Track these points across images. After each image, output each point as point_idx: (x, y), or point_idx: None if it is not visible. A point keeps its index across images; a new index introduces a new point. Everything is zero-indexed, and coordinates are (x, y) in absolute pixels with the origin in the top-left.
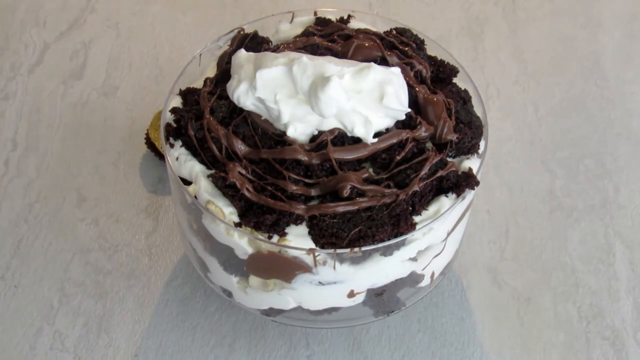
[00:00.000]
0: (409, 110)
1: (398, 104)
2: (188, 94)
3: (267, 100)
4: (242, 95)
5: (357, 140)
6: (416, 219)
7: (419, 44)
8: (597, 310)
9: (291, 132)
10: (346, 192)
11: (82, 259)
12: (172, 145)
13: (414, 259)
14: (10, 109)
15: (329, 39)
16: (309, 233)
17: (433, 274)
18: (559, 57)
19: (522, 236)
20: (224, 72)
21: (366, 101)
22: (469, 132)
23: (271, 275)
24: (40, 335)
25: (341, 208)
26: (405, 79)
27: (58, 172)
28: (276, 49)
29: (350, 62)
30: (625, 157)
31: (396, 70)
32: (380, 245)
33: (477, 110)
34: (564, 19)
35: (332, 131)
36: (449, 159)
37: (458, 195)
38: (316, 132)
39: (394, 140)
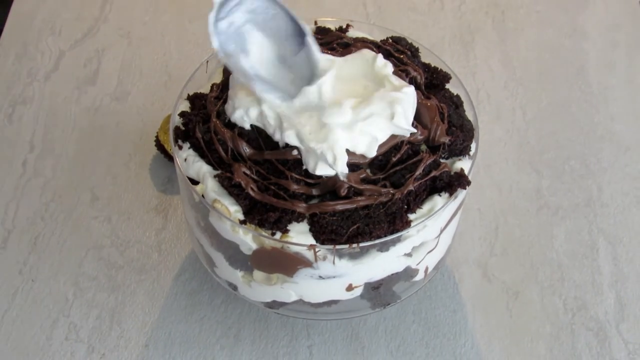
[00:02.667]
0: (414, 130)
1: (406, 123)
2: (196, 99)
3: (269, 117)
4: (239, 120)
5: None
6: (411, 216)
7: (414, 51)
8: (581, 302)
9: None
10: (343, 192)
11: (95, 255)
12: (180, 147)
13: (408, 255)
14: (28, 113)
15: (329, 47)
16: (310, 230)
17: (427, 268)
18: (545, 64)
19: (510, 233)
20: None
21: (377, 121)
22: (461, 134)
23: (274, 270)
24: (56, 326)
25: (340, 206)
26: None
27: (73, 173)
28: None
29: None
30: (608, 159)
31: (410, 90)
32: (377, 241)
33: (469, 114)
34: (550, 28)
35: None
36: (442, 160)
37: (450, 195)
38: None
39: (391, 144)
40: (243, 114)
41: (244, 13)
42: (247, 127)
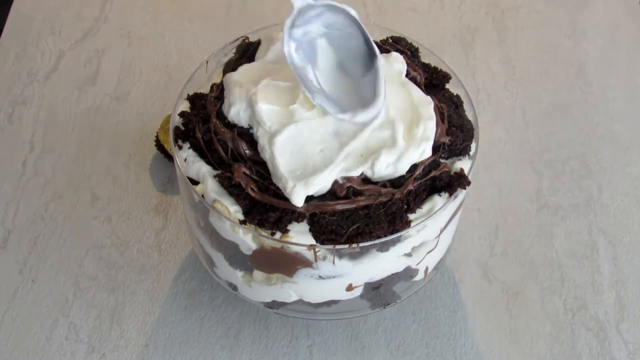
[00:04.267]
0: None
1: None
2: (196, 99)
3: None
4: (235, 118)
5: None
6: (411, 216)
7: (414, 51)
8: (581, 302)
9: None
10: (342, 192)
11: (95, 255)
12: (180, 147)
13: (408, 255)
14: (28, 113)
15: None
16: (310, 230)
17: (427, 268)
18: (545, 64)
19: (510, 233)
20: None
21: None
22: (461, 134)
23: (274, 270)
24: (56, 326)
25: (340, 206)
26: None
27: (73, 173)
28: None
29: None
30: (608, 159)
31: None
32: (377, 241)
33: (469, 114)
34: (550, 28)
35: None
36: (442, 160)
37: (450, 195)
38: None
39: None
40: (239, 110)
41: (321, 26)
42: (245, 125)
